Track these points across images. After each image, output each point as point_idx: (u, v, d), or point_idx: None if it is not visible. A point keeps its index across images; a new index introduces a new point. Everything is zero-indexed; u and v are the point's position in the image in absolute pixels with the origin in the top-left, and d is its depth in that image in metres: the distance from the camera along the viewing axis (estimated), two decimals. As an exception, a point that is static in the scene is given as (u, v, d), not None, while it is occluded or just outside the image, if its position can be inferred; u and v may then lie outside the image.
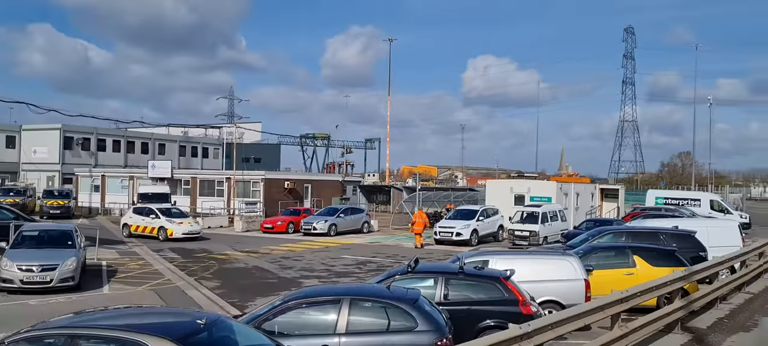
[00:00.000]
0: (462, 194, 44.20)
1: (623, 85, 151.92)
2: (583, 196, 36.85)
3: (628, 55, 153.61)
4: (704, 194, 43.01)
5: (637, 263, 14.32)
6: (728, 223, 19.33)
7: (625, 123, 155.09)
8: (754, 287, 17.89)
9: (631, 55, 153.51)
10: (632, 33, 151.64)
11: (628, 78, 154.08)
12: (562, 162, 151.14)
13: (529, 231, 27.21)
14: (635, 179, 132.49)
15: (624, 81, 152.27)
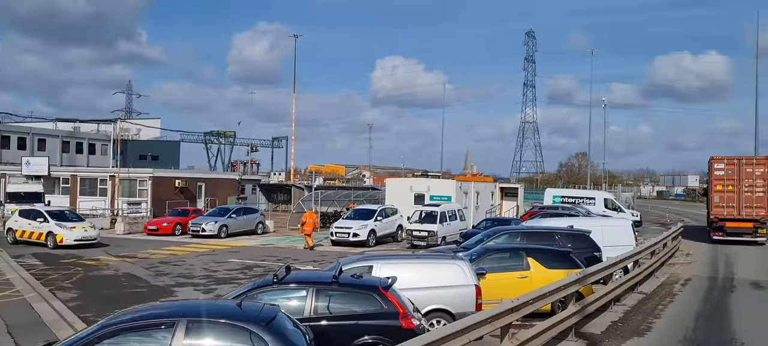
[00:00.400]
0: (363, 193, 43.07)
1: (524, 88, 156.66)
2: (483, 195, 36.62)
3: (529, 58, 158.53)
4: (599, 192, 44.06)
5: (531, 266, 13.52)
6: (622, 222, 19.15)
7: (526, 124, 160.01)
8: (647, 286, 17.68)
9: (532, 58, 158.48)
10: (533, 37, 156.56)
11: (529, 81, 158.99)
12: (467, 162, 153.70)
13: (428, 231, 26.36)
14: (536, 179, 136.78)
15: (525, 83, 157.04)
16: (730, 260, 24.06)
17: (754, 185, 29.00)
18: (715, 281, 19.07)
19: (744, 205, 28.96)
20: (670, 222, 47.22)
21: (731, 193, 29.40)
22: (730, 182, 29.43)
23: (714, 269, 21.46)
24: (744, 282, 18.68)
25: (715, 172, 30.06)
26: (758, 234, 28.55)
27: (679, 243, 27.40)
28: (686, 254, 25.84)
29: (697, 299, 16.22)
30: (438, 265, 11.69)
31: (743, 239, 28.95)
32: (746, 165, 29.48)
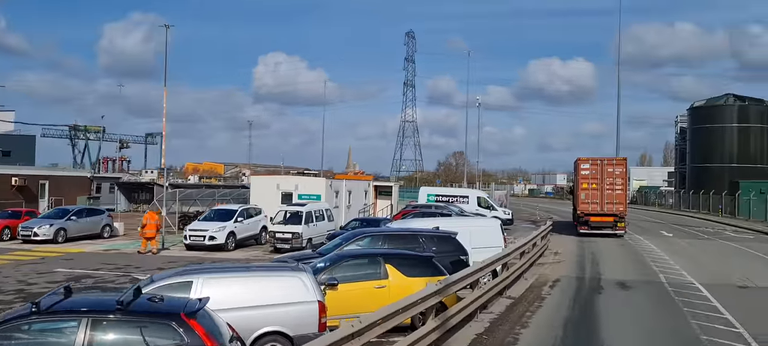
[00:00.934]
0: (231, 192, 40.24)
1: (405, 88, 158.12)
2: (356, 193, 35.10)
3: (409, 58, 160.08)
4: (472, 191, 43.98)
5: (389, 274, 11.90)
6: (491, 222, 18.18)
7: (407, 124, 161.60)
8: (516, 289, 16.70)
9: (412, 58, 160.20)
10: (413, 37, 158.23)
11: (409, 80, 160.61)
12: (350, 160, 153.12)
13: (292, 233, 24.32)
14: (415, 177, 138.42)
15: (405, 83, 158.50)
16: (597, 258, 23.97)
17: (614, 183, 31.51)
18: (582, 281, 18.52)
19: (606, 201, 31.39)
20: (541, 220, 48.20)
21: (595, 191, 31.74)
22: (594, 180, 31.77)
23: (581, 269, 21.09)
24: (610, 282, 18.25)
25: (581, 171, 32.28)
26: (618, 227, 31.32)
27: (548, 242, 27.23)
28: (555, 252, 25.58)
29: (565, 302, 15.39)
30: (274, 278, 9.72)
31: (605, 232, 31.38)
32: (607, 165, 31.86)
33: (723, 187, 57.18)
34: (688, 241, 31.14)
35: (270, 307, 9.23)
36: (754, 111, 65.84)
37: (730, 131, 65.24)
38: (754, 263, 23.06)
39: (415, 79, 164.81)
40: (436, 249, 14.48)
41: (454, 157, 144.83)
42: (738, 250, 27.40)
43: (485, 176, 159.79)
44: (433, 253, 14.16)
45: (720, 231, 37.84)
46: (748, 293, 16.64)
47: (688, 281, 18.22)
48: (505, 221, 38.09)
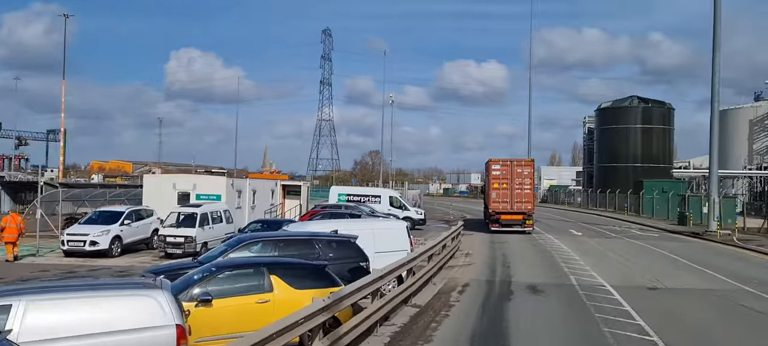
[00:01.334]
0: (125, 192, 37.25)
1: (321, 86, 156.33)
2: (261, 193, 33.13)
3: (326, 56, 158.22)
4: (384, 190, 42.88)
5: (274, 286, 10.32)
6: (396, 224, 16.89)
7: (323, 122, 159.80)
8: (423, 296, 15.51)
9: (329, 56, 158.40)
10: (330, 35, 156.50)
11: (325, 79, 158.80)
12: (266, 159, 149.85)
13: (185, 236, 22.21)
14: (331, 176, 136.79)
15: (322, 82, 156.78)
16: (508, 259, 23.24)
17: (523, 183, 33.14)
18: (493, 285, 17.56)
19: (515, 200, 32.99)
20: (454, 219, 47.75)
21: (506, 190, 33.23)
22: (505, 180, 33.24)
23: (492, 271, 20.20)
24: (521, 286, 17.38)
25: (493, 172, 33.67)
26: (526, 224, 33.14)
27: (459, 243, 26.37)
28: (466, 254, 24.72)
29: (474, 309, 14.30)
30: (121, 298, 7.93)
31: (515, 229, 32.99)
32: (517, 166, 33.48)
33: (628, 186, 58.87)
34: (597, 240, 31.18)
35: (114, 335, 7.47)
36: (657, 113, 68.47)
37: (634, 132, 67.51)
38: (661, 262, 22.97)
39: (331, 78, 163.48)
40: (334, 255, 13.02)
41: (371, 157, 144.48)
42: (644, 248, 27.49)
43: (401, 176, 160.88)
44: (330, 260, 12.71)
45: (626, 229, 38.44)
46: (658, 296, 16.14)
47: (599, 283, 17.63)
48: (418, 221, 37.31)
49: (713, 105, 33.59)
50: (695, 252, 26.13)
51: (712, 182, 33.51)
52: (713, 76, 32.87)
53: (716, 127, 33.79)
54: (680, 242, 30.44)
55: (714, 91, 33.09)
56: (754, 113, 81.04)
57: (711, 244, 29.76)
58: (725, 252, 26.51)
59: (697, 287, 17.53)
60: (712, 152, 33.95)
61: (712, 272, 20.03)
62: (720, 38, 32.86)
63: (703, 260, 23.38)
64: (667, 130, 68.69)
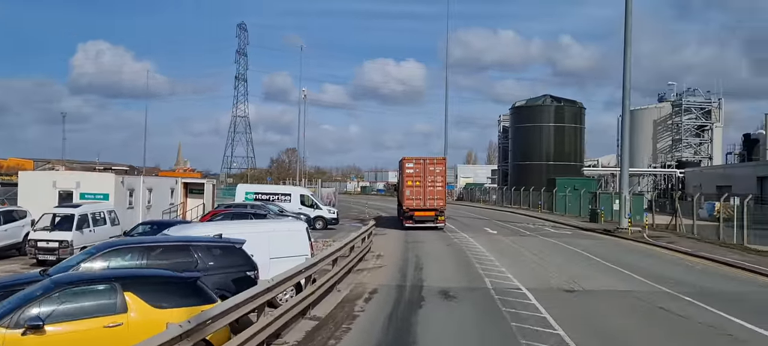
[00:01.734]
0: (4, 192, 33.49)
1: (236, 82, 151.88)
2: (159, 192, 30.51)
3: (241, 51, 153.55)
4: (295, 188, 40.89)
5: (129, 306, 8.41)
6: (295, 226, 15.08)
7: (239, 119, 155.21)
8: (324, 306, 13.89)
9: (244, 51, 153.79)
10: (245, 30, 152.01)
11: (241, 74, 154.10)
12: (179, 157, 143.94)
13: (59, 241, 19.61)
14: (246, 174, 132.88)
15: (237, 77, 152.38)
16: (421, 261, 21.95)
17: (435, 180, 33.82)
18: (403, 291, 16.13)
19: (428, 197, 33.64)
20: (368, 217, 46.42)
21: (419, 187, 33.81)
22: (418, 178, 33.84)
23: (403, 275, 18.79)
24: (433, 291, 16.04)
25: (406, 170, 34.20)
26: (439, 220, 33.92)
27: (371, 243, 24.94)
28: (377, 255, 23.28)
29: (381, 320, 12.79)
30: None
31: (427, 226, 33.67)
32: (429, 164, 34.10)
33: (542, 183, 59.42)
34: (512, 238, 30.53)
35: None
36: (569, 112, 69.77)
37: (547, 130, 68.50)
38: (576, 260, 22.33)
39: (247, 73, 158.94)
40: (216, 264, 11.19)
41: (287, 154, 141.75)
42: (559, 246, 26.97)
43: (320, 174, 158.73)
44: (210, 270, 10.88)
45: (540, 227, 38.23)
46: (576, 299, 15.18)
47: (515, 286, 16.57)
48: (330, 220, 35.66)
49: (624, 102, 33.75)
50: (609, 250, 25.80)
51: (622, 179, 33.63)
52: (625, 75, 32.98)
53: (627, 125, 33.98)
54: (593, 240, 30.23)
55: (625, 89, 33.22)
56: (658, 114, 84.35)
57: (623, 241, 29.69)
58: (637, 249, 26.34)
59: (615, 288, 16.77)
60: (623, 150, 34.10)
61: (628, 272, 19.46)
62: (631, 39, 33.01)
63: (617, 258, 22.95)
64: (579, 129, 70.18)
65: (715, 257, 22.51)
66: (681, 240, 29.17)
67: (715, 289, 16.69)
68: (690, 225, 33.04)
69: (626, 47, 32.84)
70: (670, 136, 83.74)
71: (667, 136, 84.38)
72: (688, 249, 25.25)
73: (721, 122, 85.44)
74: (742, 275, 19.32)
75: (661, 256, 24.13)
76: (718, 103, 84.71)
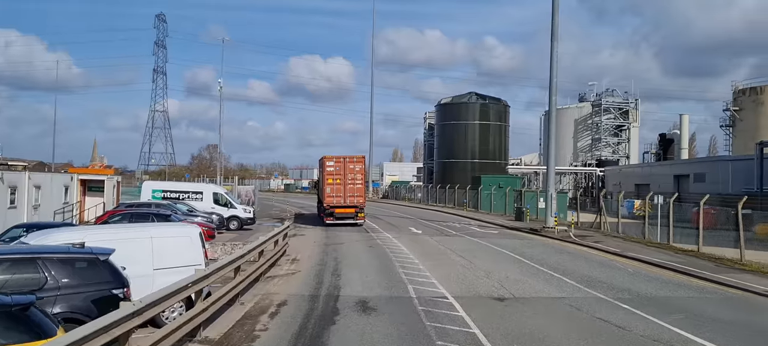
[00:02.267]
0: None
1: (155, 75, 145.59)
2: (49, 190, 27.31)
3: (160, 43, 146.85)
4: (208, 186, 38.15)
5: None
6: (185, 230, 12.77)
7: (157, 114, 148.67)
8: (221, 324, 11.86)
9: (163, 43, 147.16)
10: (164, 20, 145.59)
11: (159, 67, 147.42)
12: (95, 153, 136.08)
13: None
14: (164, 172, 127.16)
15: (155, 70, 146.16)
16: (339, 265, 20.10)
17: (355, 178, 34.18)
18: (316, 302, 14.23)
19: (348, 194, 34.00)
20: (289, 216, 44.24)
21: (339, 185, 34.09)
22: (338, 176, 34.10)
23: (318, 282, 16.89)
24: (350, 301, 14.23)
25: (327, 168, 34.50)
26: (358, 217, 34.34)
27: (287, 245, 22.93)
28: (293, 259, 21.29)
29: (285, 342, 10.87)
30: None
31: (348, 222, 34.08)
32: (349, 162, 34.34)
33: (467, 181, 58.79)
34: (438, 238, 29.14)
35: None
36: (494, 109, 69.61)
37: (472, 128, 68.09)
38: (504, 263, 21.05)
39: (166, 66, 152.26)
40: (72, 281, 8.97)
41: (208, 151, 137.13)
42: (486, 247, 25.75)
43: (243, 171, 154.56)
44: (63, 289, 8.66)
45: (466, 226, 37.14)
46: (507, 309, 13.71)
47: (441, 295, 15.00)
48: (246, 220, 33.36)
49: (551, 98, 33.05)
50: (537, 250, 24.76)
51: (549, 176, 32.90)
52: (551, 70, 32.24)
53: (553, 122, 33.29)
54: (520, 239, 29.24)
55: (552, 84, 32.49)
56: (579, 113, 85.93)
57: (550, 241, 28.82)
58: (565, 250, 25.41)
59: (548, 294, 15.46)
60: (549, 147, 33.40)
61: (559, 275, 18.29)
62: (557, 33, 32.28)
63: (546, 259, 21.87)
64: (503, 127, 70.18)
65: (645, 258, 21.78)
66: (607, 239, 28.60)
67: (652, 294, 15.67)
68: (614, 223, 32.72)
69: (553, 41, 32.12)
70: (590, 136, 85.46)
71: (588, 136, 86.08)
72: (616, 249, 24.53)
73: (637, 122, 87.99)
74: (676, 277, 18.50)
75: (590, 257, 23.22)
76: (635, 103, 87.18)
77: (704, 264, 20.58)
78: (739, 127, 72.44)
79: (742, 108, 72.31)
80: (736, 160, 48.13)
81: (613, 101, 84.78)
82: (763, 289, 16.24)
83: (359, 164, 34.54)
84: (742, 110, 72.34)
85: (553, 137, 33.24)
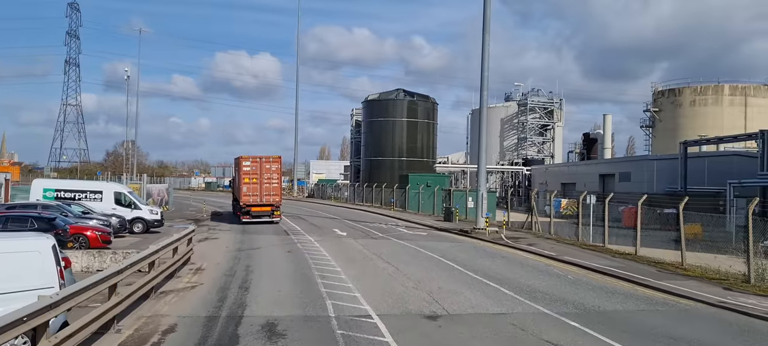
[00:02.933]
0: None
1: (67, 66, 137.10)
2: None
3: (73, 33, 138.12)
4: (108, 184, 34.48)
5: None
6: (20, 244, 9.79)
7: (70, 108, 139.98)
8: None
9: (76, 33, 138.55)
10: (77, 9, 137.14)
11: (72, 59, 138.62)
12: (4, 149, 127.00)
13: None
14: (77, 169, 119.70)
15: (67, 62, 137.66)
16: (249, 276, 17.56)
17: (271, 178, 34.77)
18: (212, 326, 11.73)
19: (264, 193, 34.60)
20: (205, 216, 41.11)
21: (255, 184, 34.62)
22: (254, 176, 34.64)
23: (221, 298, 14.34)
24: (255, 325, 11.82)
25: (243, 167, 34.90)
26: (274, 215, 34.99)
27: (191, 251, 20.18)
28: (197, 269, 18.60)
29: (161, 387, 8.40)
30: None
31: (263, 220, 34.69)
32: (265, 162, 34.88)
33: (394, 179, 57.04)
34: (363, 242, 27.00)
35: None
36: (422, 106, 68.21)
37: (400, 125, 66.45)
38: (436, 271, 19.09)
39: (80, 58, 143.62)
40: None
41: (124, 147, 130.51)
42: (414, 251, 23.80)
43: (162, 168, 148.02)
44: None
45: (393, 227, 35.20)
46: (443, 332, 11.64)
47: (364, 312, 12.82)
48: (152, 223, 30.16)
49: (483, 93, 31.49)
50: (469, 255, 23.01)
51: (480, 175, 31.36)
52: (483, 61, 30.70)
53: (485, 115, 31.82)
54: (451, 242, 27.46)
55: (483, 77, 30.95)
56: (505, 113, 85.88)
57: (482, 243, 27.18)
58: (499, 254, 23.75)
59: (486, 310, 13.53)
60: (480, 144, 31.87)
61: (496, 285, 16.47)
62: (489, 26, 30.78)
63: (480, 265, 20.09)
64: (431, 125, 68.87)
65: (584, 263, 20.35)
66: (540, 241, 27.25)
67: (600, 307, 14.03)
68: (546, 223, 31.53)
69: (485, 33, 30.61)
70: (516, 135, 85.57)
71: (514, 135, 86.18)
72: (552, 252, 23.09)
73: (562, 122, 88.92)
74: (620, 285, 17.02)
75: (526, 262, 21.58)
76: (560, 103, 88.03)
77: (646, 269, 19.34)
78: (659, 128, 74.08)
79: (661, 109, 73.96)
80: (661, 159, 48.39)
81: (539, 101, 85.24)
82: (715, 299, 14.92)
83: (275, 164, 34.99)
84: (661, 111, 73.99)
85: (483, 132, 31.75)
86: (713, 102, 71.71)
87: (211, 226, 34.61)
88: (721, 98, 71.76)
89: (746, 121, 70.99)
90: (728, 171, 44.67)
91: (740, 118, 70.82)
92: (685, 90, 72.84)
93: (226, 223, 36.64)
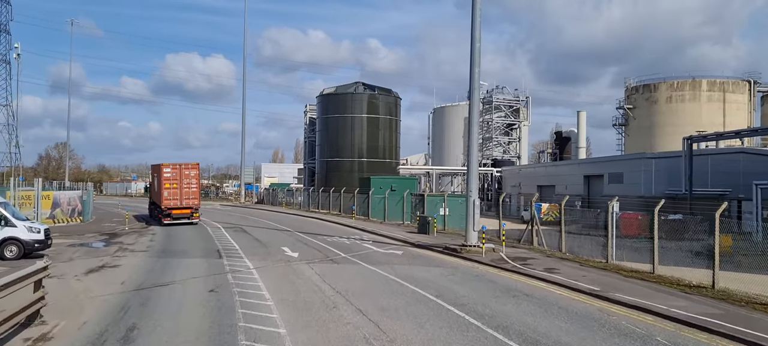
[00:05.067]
0: None
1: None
2: None
3: (3, 28, 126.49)
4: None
5: None
6: None
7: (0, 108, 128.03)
8: None
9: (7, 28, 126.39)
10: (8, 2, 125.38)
11: (2, 55, 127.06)
12: None
13: None
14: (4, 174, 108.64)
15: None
16: (136, 335, 10.24)
17: (191, 183, 37.01)
18: None
19: (184, 197, 36.68)
20: (127, 230, 33.21)
21: (176, 189, 36.53)
22: (175, 181, 36.66)
23: None
24: None
25: (164, 174, 36.73)
26: (194, 217, 37.24)
27: (42, 300, 12.67)
28: (38, 337, 11.10)
29: None
30: None
31: (183, 222, 36.66)
32: (185, 169, 37.14)
33: (354, 183, 49.95)
34: (321, 268, 19.76)
35: None
36: (384, 101, 61.16)
37: (359, 122, 59.30)
38: (440, 328, 12.07)
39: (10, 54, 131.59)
40: None
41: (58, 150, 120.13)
42: (398, 288, 16.72)
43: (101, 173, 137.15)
44: None
45: (359, 242, 28.02)
46: None
47: None
48: (32, 243, 22.33)
49: (472, 83, 24.65)
50: (476, 293, 16.00)
51: (471, 176, 24.49)
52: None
53: (476, 113, 25.01)
54: (440, 268, 20.34)
55: (473, 59, 24.18)
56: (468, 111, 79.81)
57: (482, 269, 20.17)
58: (517, 289, 16.75)
59: None
60: (471, 140, 25.05)
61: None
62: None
63: (504, 315, 13.13)
64: (394, 122, 61.90)
65: (653, 307, 13.56)
66: (558, 264, 20.50)
67: None
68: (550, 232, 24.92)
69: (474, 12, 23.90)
70: (480, 135, 79.60)
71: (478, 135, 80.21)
72: (592, 286, 16.25)
73: (528, 121, 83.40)
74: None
75: (569, 307, 14.30)
76: (526, 101, 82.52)
77: (749, 316, 12.70)
78: (633, 126, 69.16)
79: (635, 106, 69.02)
80: (660, 157, 42.55)
81: (504, 99, 79.58)
82: None
83: (194, 170, 37.52)
84: (635, 108, 69.05)
85: (475, 126, 24.95)
86: (691, 98, 67.05)
87: (125, 244, 26.89)
88: (698, 94, 67.15)
89: (725, 118, 66.75)
90: (734, 170, 39.31)
91: (719, 114, 66.43)
92: (661, 86, 68.03)
93: (147, 238, 28.98)
